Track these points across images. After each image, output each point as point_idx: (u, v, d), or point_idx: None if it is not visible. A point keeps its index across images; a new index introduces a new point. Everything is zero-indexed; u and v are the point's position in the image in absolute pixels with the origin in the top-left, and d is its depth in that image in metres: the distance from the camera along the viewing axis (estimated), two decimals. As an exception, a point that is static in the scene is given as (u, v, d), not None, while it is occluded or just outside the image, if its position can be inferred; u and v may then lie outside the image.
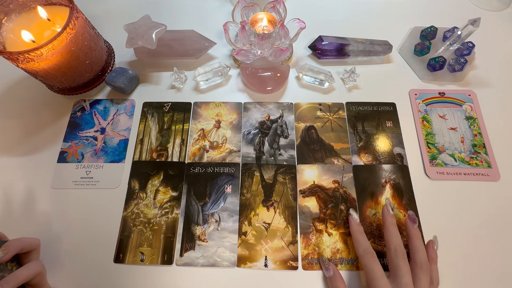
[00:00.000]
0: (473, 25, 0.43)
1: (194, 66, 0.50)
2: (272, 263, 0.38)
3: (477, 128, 0.45)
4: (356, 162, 0.43)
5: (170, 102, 0.48)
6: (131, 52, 0.51)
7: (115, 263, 0.38)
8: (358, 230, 0.36)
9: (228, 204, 0.41)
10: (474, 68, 0.49)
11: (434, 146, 0.44)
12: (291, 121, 0.46)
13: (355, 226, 0.37)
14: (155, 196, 0.42)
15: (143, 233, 0.39)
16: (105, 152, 0.45)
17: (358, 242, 0.35)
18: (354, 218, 0.37)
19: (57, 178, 0.43)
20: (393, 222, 0.36)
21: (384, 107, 0.47)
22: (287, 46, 0.47)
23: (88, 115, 0.47)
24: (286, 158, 0.43)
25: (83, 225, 0.40)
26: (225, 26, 0.45)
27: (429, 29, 0.50)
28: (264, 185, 0.42)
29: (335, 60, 0.51)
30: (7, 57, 0.37)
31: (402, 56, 0.51)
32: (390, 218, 0.36)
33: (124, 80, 0.46)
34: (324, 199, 0.41)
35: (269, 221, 0.40)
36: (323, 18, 0.54)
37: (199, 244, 0.39)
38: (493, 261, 0.37)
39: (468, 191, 0.41)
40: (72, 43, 0.40)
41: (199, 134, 0.45)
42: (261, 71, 0.47)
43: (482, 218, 0.39)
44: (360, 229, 0.36)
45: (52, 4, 0.44)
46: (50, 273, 0.37)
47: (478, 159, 0.43)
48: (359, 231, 0.36)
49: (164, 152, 0.44)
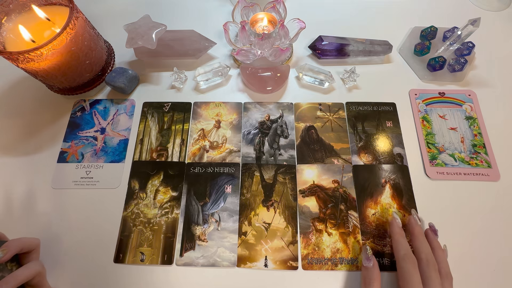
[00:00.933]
0: (473, 25, 0.43)
1: (194, 66, 0.50)
2: (272, 263, 0.38)
3: (477, 128, 0.45)
4: (356, 162, 0.43)
5: (170, 102, 0.48)
6: (131, 52, 0.51)
7: (115, 263, 0.38)
8: (400, 233, 0.36)
9: (228, 204, 0.41)
10: (474, 68, 0.49)
11: (434, 146, 0.44)
12: (291, 121, 0.46)
13: (397, 229, 0.37)
14: (155, 196, 0.42)
15: (143, 233, 0.39)
16: (105, 152, 0.45)
17: (400, 245, 0.35)
18: (397, 222, 0.37)
19: (57, 178, 0.43)
20: (422, 232, 0.36)
21: (384, 107, 0.47)
22: (287, 46, 0.47)
23: (88, 115, 0.47)
24: (286, 158, 0.43)
25: (83, 225, 0.40)
26: (225, 26, 0.45)
27: (429, 29, 0.50)
28: (264, 185, 0.42)
29: (335, 60, 0.51)
30: (7, 57, 0.37)
31: (402, 56, 0.51)
32: (419, 228, 0.36)
33: (124, 80, 0.46)
34: (324, 199, 0.41)
35: (269, 221, 0.40)
36: (323, 18, 0.54)
37: (199, 244, 0.39)
38: (493, 260, 0.37)
39: (468, 191, 0.41)
40: (72, 43, 0.40)
41: (199, 134, 0.45)
42: (261, 71, 0.47)
43: (482, 218, 0.39)
44: (402, 233, 0.36)
45: (52, 4, 0.44)
46: (50, 273, 0.37)
47: (478, 159, 0.43)
48: (400, 235, 0.36)
49: (164, 152, 0.44)
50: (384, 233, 0.39)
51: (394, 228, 0.37)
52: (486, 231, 0.39)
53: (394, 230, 0.37)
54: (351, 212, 0.40)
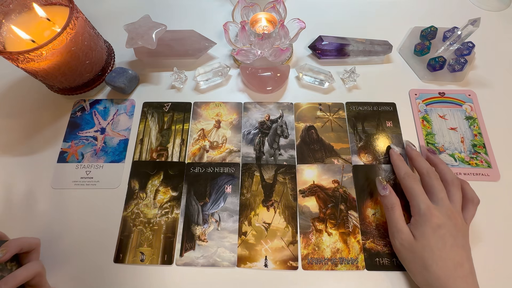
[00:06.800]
0: (473, 25, 0.43)
1: (194, 66, 0.50)
2: (272, 263, 0.38)
3: (477, 128, 0.45)
4: (356, 162, 0.43)
5: (170, 102, 0.48)
6: (131, 52, 0.51)
7: (115, 263, 0.38)
8: (399, 158, 0.41)
9: (228, 204, 0.41)
10: (474, 68, 0.49)
11: (434, 146, 0.44)
12: (291, 121, 0.46)
13: (396, 156, 0.41)
14: (155, 196, 0.42)
15: (143, 233, 0.39)
16: (105, 152, 0.45)
17: (399, 167, 0.39)
18: (395, 150, 0.42)
19: (57, 178, 0.43)
20: (419, 154, 0.41)
21: (384, 107, 0.47)
22: (287, 46, 0.47)
23: (88, 115, 0.47)
24: (286, 158, 0.43)
25: (83, 225, 0.40)
26: (225, 26, 0.45)
27: (429, 29, 0.50)
28: (264, 185, 0.42)
29: (335, 60, 0.51)
30: (7, 57, 0.37)
31: (402, 56, 0.51)
32: (415, 152, 0.41)
33: (124, 80, 0.46)
34: (324, 199, 0.41)
35: (269, 221, 0.40)
36: (323, 18, 0.54)
37: (199, 244, 0.39)
38: (493, 261, 0.37)
39: (468, 191, 0.41)
40: (72, 43, 0.40)
41: (199, 134, 0.45)
42: (261, 71, 0.47)
43: (482, 218, 0.39)
44: (400, 157, 0.41)
45: (52, 4, 0.44)
46: (50, 273, 0.37)
47: (478, 159, 0.43)
48: (399, 159, 0.40)
49: (164, 152, 0.44)
50: (384, 233, 0.39)
51: (393, 156, 0.41)
52: (486, 231, 0.39)
53: (393, 157, 0.41)
54: (351, 212, 0.40)
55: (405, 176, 0.38)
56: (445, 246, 0.33)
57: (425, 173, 0.38)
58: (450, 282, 0.31)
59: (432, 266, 0.32)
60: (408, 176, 0.37)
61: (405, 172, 0.38)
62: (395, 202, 0.36)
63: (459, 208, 0.35)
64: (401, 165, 0.39)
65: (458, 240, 0.33)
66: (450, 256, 0.32)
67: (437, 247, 0.33)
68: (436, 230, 0.33)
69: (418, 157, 0.40)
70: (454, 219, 0.34)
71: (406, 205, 0.38)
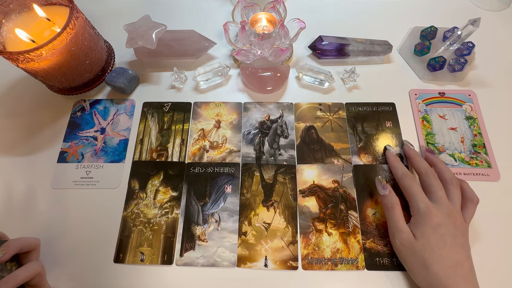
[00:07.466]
0: (473, 25, 0.43)
1: (194, 66, 0.50)
2: (272, 263, 0.38)
3: (477, 128, 0.45)
4: (356, 162, 0.43)
5: (170, 102, 0.48)
6: (131, 52, 0.51)
7: (115, 263, 0.38)
8: (395, 159, 0.41)
9: (228, 204, 0.41)
10: (474, 68, 0.49)
11: (434, 146, 0.44)
12: (291, 121, 0.46)
13: (392, 157, 0.41)
14: (155, 196, 0.42)
15: (143, 233, 0.39)
16: (105, 152, 0.45)
17: (396, 168, 0.39)
18: (391, 151, 0.42)
19: (57, 178, 0.43)
20: (417, 153, 0.41)
21: (383, 107, 0.47)
22: (287, 46, 0.47)
23: (88, 115, 0.47)
24: (286, 158, 0.43)
25: (83, 225, 0.40)
26: (225, 26, 0.45)
27: (429, 29, 0.50)
28: (264, 185, 0.42)
29: (335, 60, 0.51)
30: (7, 57, 0.37)
31: (402, 56, 0.51)
32: (413, 151, 0.41)
33: (124, 80, 0.46)
34: (324, 199, 0.41)
35: (269, 221, 0.40)
36: (323, 18, 0.54)
37: (199, 244, 0.39)
38: (493, 261, 0.37)
39: (468, 191, 0.41)
40: (72, 43, 0.40)
41: (199, 134, 0.45)
42: (261, 71, 0.47)
43: (482, 218, 0.39)
44: (397, 158, 0.41)
45: (52, 4, 0.44)
46: (50, 273, 0.37)
47: (478, 159, 0.43)
48: (396, 160, 0.41)
49: (164, 152, 0.44)
50: (384, 233, 0.39)
51: (389, 157, 0.41)
52: (486, 231, 0.39)
53: (389, 158, 0.41)
54: (351, 212, 0.40)
55: (403, 176, 0.38)
56: (445, 245, 0.33)
57: (423, 173, 0.38)
58: (450, 281, 0.31)
59: (432, 266, 0.32)
60: (405, 176, 0.38)
61: (402, 172, 0.38)
62: (395, 201, 0.36)
63: (458, 207, 0.35)
64: (398, 166, 0.39)
65: (457, 239, 0.33)
66: (450, 255, 0.32)
67: (437, 246, 0.33)
68: (436, 229, 0.33)
69: (416, 157, 0.40)
70: (453, 218, 0.34)
71: (406, 205, 0.38)
